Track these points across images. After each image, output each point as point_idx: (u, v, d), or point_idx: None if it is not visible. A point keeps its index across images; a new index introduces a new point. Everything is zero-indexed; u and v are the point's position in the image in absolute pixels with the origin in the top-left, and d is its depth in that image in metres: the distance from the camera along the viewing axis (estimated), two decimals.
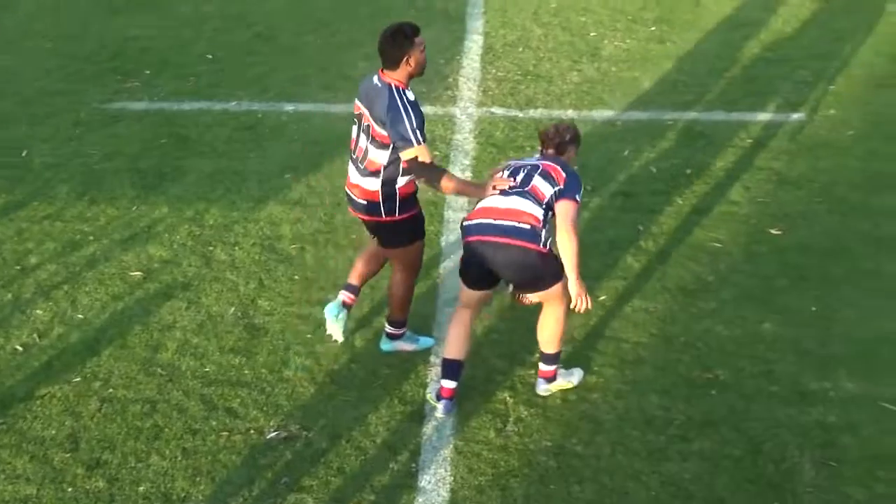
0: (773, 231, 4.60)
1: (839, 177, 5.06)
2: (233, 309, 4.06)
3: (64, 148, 5.50)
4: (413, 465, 3.23)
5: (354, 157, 3.44)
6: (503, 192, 3.25)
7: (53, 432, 3.34)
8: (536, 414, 3.45)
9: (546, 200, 3.21)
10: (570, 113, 5.88)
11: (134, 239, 4.57)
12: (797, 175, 5.10)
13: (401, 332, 3.71)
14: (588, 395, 3.56)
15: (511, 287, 3.56)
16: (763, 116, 5.79)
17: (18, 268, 4.34)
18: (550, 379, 3.50)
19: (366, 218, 3.47)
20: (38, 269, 4.32)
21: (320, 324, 3.79)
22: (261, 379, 3.63)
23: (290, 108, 6.03)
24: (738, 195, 4.92)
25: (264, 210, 4.85)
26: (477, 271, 3.30)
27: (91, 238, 4.58)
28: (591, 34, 6.96)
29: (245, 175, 5.19)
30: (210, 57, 6.72)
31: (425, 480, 3.16)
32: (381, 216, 3.38)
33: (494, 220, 3.19)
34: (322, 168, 5.25)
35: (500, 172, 3.40)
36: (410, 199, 3.43)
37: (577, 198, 3.28)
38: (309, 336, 3.88)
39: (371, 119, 3.29)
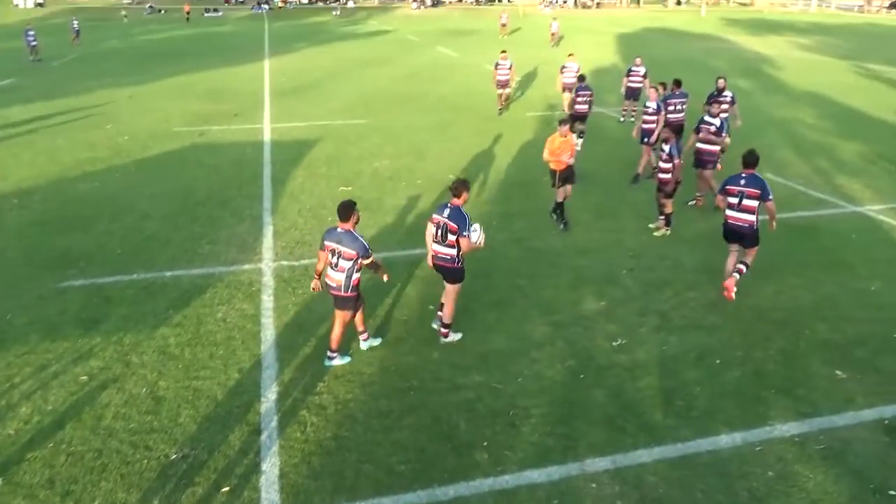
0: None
1: None
2: (144, 389, 6.56)
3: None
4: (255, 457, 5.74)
5: (334, 266, 6.70)
6: (437, 242, 7.20)
7: (37, 479, 5.64)
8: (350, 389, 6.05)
9: (455, 243, 7.11)
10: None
11: (80, 357, 7.06)
12: None
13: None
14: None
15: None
16: None
17: (8, 384, 6.71)
18: (446, 336, 7.26)
19: (338, 294, 6.79)
20: (22, 384, 6.71)
21: (195, 388, 6.32)
22: (164, 426, 6.09)
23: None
24: None
25: (158, 331, 7.55)
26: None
27: (53, 361, 7.04)
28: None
29: (145, 314, 7.79)
30: None
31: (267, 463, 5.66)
32: (347, 292, 6.74)
33: (436, 255, 7.26)
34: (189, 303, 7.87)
35: (432, 229, 7.21)
36: (359, 284, 6.85)
37: (465, 233, 7.03)
38: (189, 396, 6.40)
39: (342, 248, 6.62)
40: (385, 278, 7.12)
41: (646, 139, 13.01)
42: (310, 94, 22.70)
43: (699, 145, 11.36)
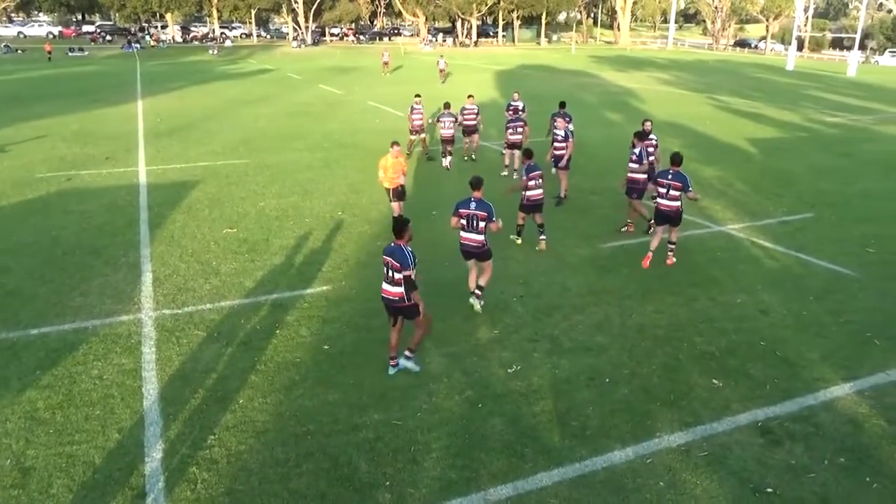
0: None
1: None
2: (9, 461, 5.96)
3: None
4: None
5: (391, 280, 7.17)
6: (467, 232, 8.83)
7: None
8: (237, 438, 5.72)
9: (484, 230, 8.70)
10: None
11: None
12: None
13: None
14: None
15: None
16: None
17: None
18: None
19: (402, 306, 7.23)
20: None
21: (69, 454, 5.80)
22: (33, 499, 5.54)
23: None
24: None
25: (24, 395, 6.94)
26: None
27: None
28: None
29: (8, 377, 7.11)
30: None
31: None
32: (408, 302, 7.19)
33: (469, 242, 8.85)
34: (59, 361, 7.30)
35: (462, 222, 8.69)
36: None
37: (494, 219, 8.61)
38: (63, 464, 5.87)
39: (393, 261, 7.04)
40: (415, 300, 7.24)
41: (558, 164, 14.21)
42: (188, 134, 21.91)
43: (630, 175, 11.97)
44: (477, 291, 9.06)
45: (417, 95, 18.75)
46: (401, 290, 7.12)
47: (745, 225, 12.93)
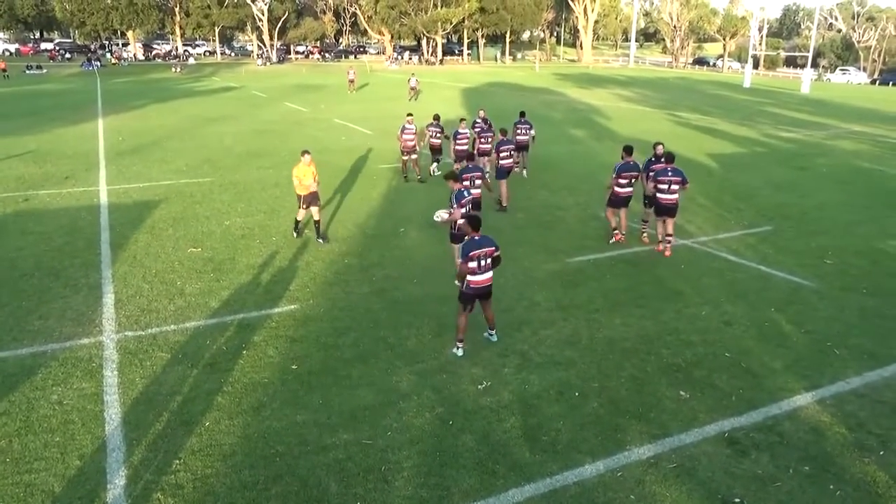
0: None
1: None
2: None
3: None
4: None
5: (483, 269, 8.01)
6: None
7: None
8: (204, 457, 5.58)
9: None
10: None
11: None
12: None
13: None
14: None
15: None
16: None
17: None
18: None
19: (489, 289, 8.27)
20: None
21: (27, 483, 5.60)
22: None
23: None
24: None
25: None
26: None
27: None
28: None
29: None
30: None
31: None
32: None
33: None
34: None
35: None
36: None
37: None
38: (20, 493, 5.67)
39: (484, 250, 7.97)
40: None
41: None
42: (151, 153, 21.57)
43: (617, 189, 12.39)
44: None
45: (409, 115, 17.90)
46: (491, 273, 8.14)
47: (708, 238, 13.19)
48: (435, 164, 18.62)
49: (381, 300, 9.93)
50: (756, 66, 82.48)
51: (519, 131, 17.83)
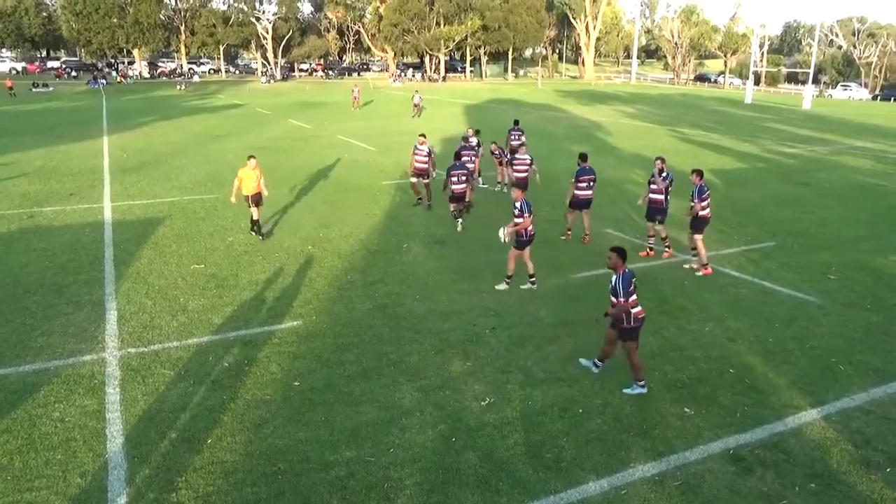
0: None
1: None
2: None
3: None
4: None
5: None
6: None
7: None
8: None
9: None
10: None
11: None
12: None
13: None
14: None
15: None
16: None
17: None
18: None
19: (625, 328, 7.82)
20: None
21: (28, 502, 5.58)
22: None
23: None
24: None
25: None
26: None
27: None
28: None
29: None
30: None
31: None
32: (630, 323, 7.76)
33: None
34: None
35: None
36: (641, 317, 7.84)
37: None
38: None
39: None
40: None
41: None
42: (155, 170, 21.69)
43: (577, 192, 13.44)
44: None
45: (422, 135, 16.65)
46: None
47: (711, 254, 13.16)
48: (460, 221, 14.85)
49: (383, 316, 9.92)
50: (757, 82, 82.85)
51: (512, 137, 19.63)
